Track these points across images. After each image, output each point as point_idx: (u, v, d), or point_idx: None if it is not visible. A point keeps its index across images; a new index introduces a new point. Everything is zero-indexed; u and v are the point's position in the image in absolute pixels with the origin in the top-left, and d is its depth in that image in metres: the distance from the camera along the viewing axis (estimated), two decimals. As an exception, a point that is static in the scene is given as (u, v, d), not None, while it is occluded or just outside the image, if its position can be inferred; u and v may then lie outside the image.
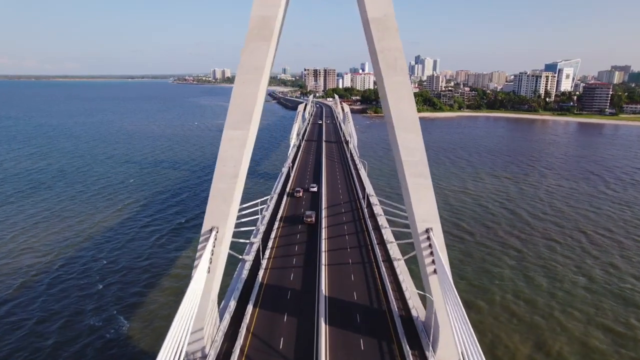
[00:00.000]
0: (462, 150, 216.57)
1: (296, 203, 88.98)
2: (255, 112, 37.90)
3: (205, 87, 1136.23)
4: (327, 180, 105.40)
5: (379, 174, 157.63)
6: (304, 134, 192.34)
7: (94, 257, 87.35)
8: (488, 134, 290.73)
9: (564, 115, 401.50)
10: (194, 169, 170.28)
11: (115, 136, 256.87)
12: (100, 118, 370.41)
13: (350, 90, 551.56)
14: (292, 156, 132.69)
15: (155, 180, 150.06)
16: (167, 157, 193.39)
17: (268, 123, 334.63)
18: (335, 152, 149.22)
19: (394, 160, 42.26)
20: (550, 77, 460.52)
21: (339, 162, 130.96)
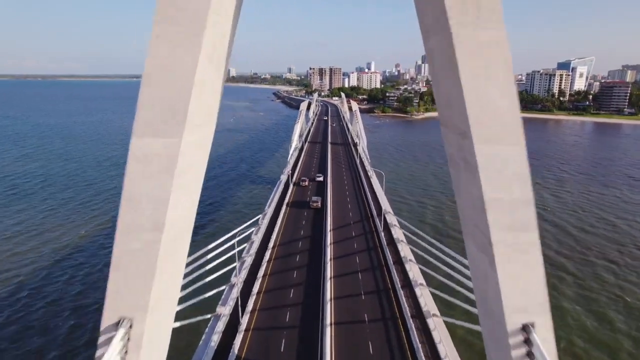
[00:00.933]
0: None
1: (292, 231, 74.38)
2: (201, 103, 14.87)
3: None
4: (332, 197, 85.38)
5: (395, 178, 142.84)
6: (308, 134, 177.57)
7: (67, 282, 73.11)
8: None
9: (581, 115, 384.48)
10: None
11: (112, 136, 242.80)
12: (100, 117, 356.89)
13: (357, 89, 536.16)
14: (292, 163, 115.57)
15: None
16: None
17: (271, 123, 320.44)
18: (342, 156, 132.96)
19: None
20: (565, 75, 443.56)
21: (346, 168, 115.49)
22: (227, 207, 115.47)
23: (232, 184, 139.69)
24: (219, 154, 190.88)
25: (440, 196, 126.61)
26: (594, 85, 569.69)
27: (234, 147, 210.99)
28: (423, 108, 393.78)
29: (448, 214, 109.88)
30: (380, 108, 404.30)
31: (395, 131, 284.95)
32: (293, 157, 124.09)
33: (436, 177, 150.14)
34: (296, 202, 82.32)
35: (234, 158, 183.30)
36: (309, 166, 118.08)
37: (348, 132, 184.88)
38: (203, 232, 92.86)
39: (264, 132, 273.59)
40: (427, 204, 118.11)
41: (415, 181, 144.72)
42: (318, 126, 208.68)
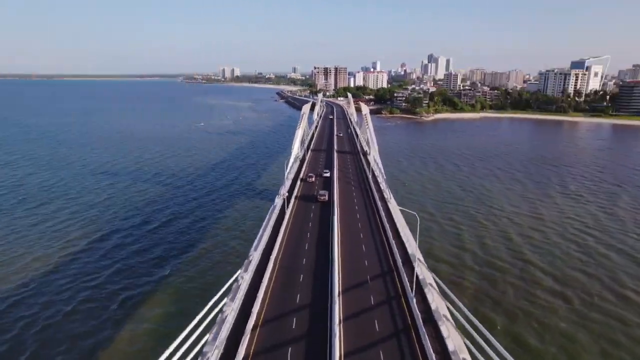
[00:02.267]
0: (504, 158, 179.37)
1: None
2: None
3: (213, 85, 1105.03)
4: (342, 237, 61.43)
5: (418, 190, 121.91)
6: (311, 140, 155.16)
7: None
8: (522, 138, 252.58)
9: (599, 117, 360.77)
10: (189, 182, 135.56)
11: (104, 140, 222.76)
12: (95, 118, 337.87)
13: (363, 89, 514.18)
14: (291, 180, 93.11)
15: (137, 203, 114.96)
16: (157, 168, 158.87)
17: (273, 125, 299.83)
18: (351, 169, 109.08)
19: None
20: (581, 75, 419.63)
21: (357, 186, 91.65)
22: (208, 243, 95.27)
23: (226, 201, 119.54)
24: (214, 160, 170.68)
25: (474, 212, 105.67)
26: (608, 85, 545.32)
27: (229, 154, 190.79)
28: (433, 109, 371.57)
29: (489, 238, 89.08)
30: (388, 109, 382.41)
31: (405, 134, 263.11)
32: (293, 169, 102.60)
33: (464, 189, 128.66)
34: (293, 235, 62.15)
35: (230, 166, 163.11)
36: (310, 184, 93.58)
37: (356, 137, 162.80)
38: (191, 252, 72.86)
39: (265, 135, 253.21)
40: (461, 223, 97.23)
41: (441, 193, 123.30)
42: (322, 131, 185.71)
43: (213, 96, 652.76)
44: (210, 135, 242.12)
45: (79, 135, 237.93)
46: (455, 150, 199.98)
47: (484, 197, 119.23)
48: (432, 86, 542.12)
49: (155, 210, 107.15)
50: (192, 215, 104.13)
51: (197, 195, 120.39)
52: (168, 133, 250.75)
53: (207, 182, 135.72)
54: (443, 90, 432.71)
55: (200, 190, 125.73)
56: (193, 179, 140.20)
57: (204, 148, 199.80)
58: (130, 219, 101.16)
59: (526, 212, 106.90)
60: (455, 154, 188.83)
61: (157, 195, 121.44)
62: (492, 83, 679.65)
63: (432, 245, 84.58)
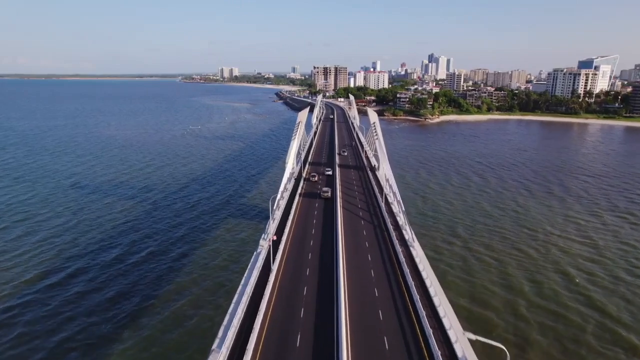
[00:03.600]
0: (528, 167, 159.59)
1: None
2: None
3: (212, 85, 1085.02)
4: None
5: (444, 210, 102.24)
6: (309, 151, 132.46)
7: None
8: (537, 143, 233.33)
9: (612, 119, 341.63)
10: (175, 200, 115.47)
11: (88, 147, 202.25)
12: (84, 120, 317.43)
13: (364, 89, 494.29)
14: (284, 207, 72.58)
15: (112, 230, 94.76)
16: (142, 181, 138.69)
17: (270, 128, 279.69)
18: (357, 194, 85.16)
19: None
20: (591, 74, 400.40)
21: (367, 220, 68.89)
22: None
23: (211, 218, 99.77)
24: (203, 172, 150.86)
25: (514, 237, 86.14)
26: (616, 85, 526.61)
27: (220, 164, 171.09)
28: (438, 110, 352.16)
29: (541, 274, 69.41)
30: (390, 110, 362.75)
31: (412, 138, 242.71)
32: (284, 197, 77.94)
33: (495, 205, 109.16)
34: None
35: (220, 178, 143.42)
36: (305, 219, 69.19)
37: (361, 147, 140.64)
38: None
39: (260, 140, 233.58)
40: (502, 253, 77.57)
41: (471, 212, 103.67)
42: (322, 140, 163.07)
43: (210, 96, 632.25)
44: (203, 141, 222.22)
45: (63, 140, 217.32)
46: (471, 157, 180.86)
47: (520, 217, 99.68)
48: (434, 86, 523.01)
49: (130, 239, 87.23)
50: (174, 248, 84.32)
51: (181, 220, 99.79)
52: (159, 137, 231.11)
53: (194, 199, 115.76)
54: (448, 91, 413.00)
55: (185, 211, 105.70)
56: (180, 195, 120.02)
57: (195, 156, 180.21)
58: (101, 252, 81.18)
59: (575, 237, 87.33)
60: (472, 162, 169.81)
61: (136, 216, 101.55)
62: (494, 83, 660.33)
63: (473, 287, 65.03)
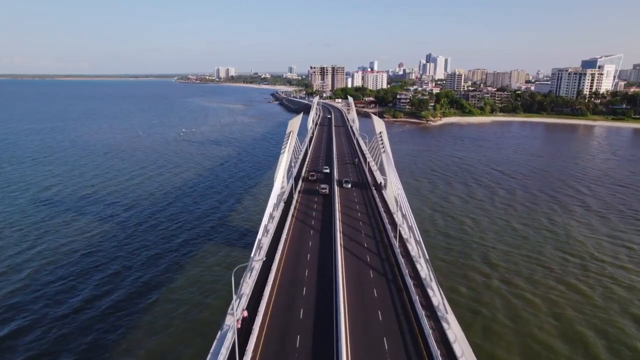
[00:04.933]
0: (554, 176, 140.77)
1: None
2: None
3: (207, 86, 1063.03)
4: None
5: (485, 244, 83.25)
6: (303, 161, 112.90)
7: None
8: (550, 147, 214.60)
9: (621, 120, 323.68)
10: (153, 222, 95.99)
11: (66, 155, 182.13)
12: (69, 124, 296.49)
13: (362, 90, 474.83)
14: (266, 247, 54.38)
15: (76, 260, 75.33)
16: (118, 195, 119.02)
17: (265, 131, 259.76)
18: (362, 223, 67.61)
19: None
20: (597, 74, 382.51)
21: (375, 263, 52.14)
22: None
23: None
24: (189, 184, 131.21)
25: (560, 270, 67.01)
26: (619, 85, 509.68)
27: (206, 175, 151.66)
28: (440, 112, 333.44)
29: (609, 322, 50.77)
30: (390, 112, 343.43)
31: (416, 142, 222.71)
32: (269, 231, 60.15)
33: (529, 225, 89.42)
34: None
35: (205, 192, 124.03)
36: (294, 269, 51.36)
37: (363, 159, 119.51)
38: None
39: (252, 146, 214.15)
40: (553, 291, 58.47)
41: (502, 233, 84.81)
42: (318, 148, 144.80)
43: (204, 97, 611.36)
44: (194, 147, 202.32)
45: (39, 147, 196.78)
46: (485, 164, 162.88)
47: (560, 240, 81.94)
48: (433, 87, 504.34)
49: (92, 284, 67.95)
50: (139, 297, 65.09)
51: (157, 252, 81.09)
52: (146, 143, 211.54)
53: (177, 222, 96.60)
54: (449, 92, 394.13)
55: (164, 237, 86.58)
56: (160, 217, 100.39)
57: (185, 165, 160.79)
58: (60, 294, 62.09)
59: (633, 267, 68.74)
60: (489, 170, 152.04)
61: (105, 240, 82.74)
62: (493, 83, 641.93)
63: (526, 343, 46.23)
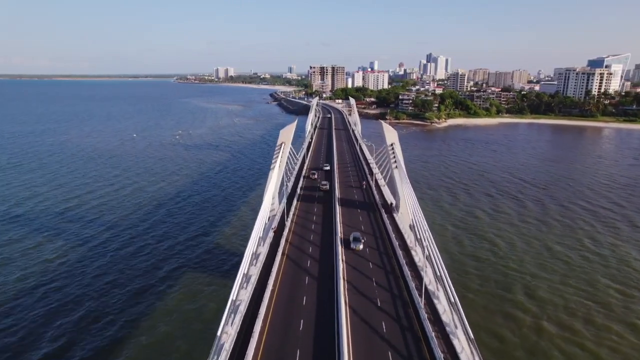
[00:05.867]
0: (590, 188, 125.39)
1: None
2: None
3: (206, 86, 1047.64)
4: None
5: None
6: (298, 179, 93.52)
7: None
8: (567, 152, 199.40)
9: (633, 122, 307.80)
10: (138, 243, 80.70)
11: (47, 161, 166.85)
12: (58, 126, 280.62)
13: (363, 90, 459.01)
14: (246, 304, 39.60)
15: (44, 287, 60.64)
16: (99, 209, 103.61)
17: (262, 134, 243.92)
18: (372, 264, 51.31)
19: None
20: (606, 74, 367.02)
21: (391, 329, 37.06)
22: None
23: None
24: (176, 198, 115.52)
25: (622, 309, 51.68)
26: (626, 85, 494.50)
27: (197, 185, 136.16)
28: (444, 113, 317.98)
29: None
30: (393, 113, 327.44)
31: (424, 147, 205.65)
32: (251, 279, 45.27)
33: (575, 249, 73.65)
34: None
35: (199, 205, 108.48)
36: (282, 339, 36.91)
37: (368, 172, 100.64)
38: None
39: (248, 151, 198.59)
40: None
41: (546, 263, 68.91)
42: (316, 157, 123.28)
43: (202, 97, 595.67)
44: (187, 152, 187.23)
45: (24, 152, 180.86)
46: (503, 170, 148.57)
47: (613, 268, 67.20)
48: (435, 87, 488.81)
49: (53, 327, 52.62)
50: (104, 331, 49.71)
51: (135, 287, 65.56)
52: (140, 146, 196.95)
53: (161, 239, 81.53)
54: (454, 92, 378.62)
55: (144, 261, 71.27)
56: (145, 236, 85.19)
57: (176, 172, 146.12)
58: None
59: None
60: (509, 178, 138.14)
61: (78, 270, 68.20)
62: (496, 83, 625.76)
63: None
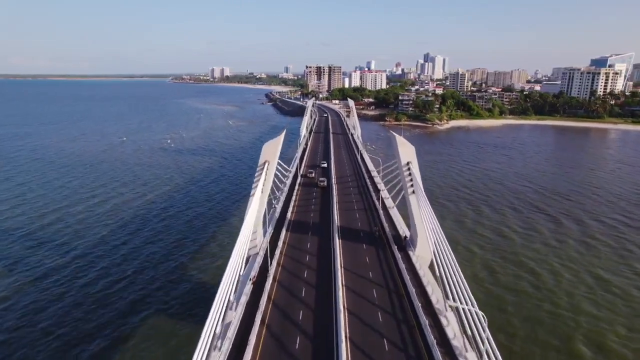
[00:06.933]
0: (608, 197, 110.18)
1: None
2: None
3: (201, 86, 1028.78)
4: None
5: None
6: (290, 193, 79.94)
7: None
8: (579, 156, 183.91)
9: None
10: (102, 271, 64.28)
11: (22, 167, 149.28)
12: (44, 129, 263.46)
13: (361, 90, 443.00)
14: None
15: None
16: (74, 231, 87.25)
17: (255, 137, 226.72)
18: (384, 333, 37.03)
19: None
20: (612, 74, 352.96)
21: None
22: None
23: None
24: (160, 213, 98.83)
25: None
26: (628, 85, 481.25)
27: (183, 198, 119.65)
28: (446, 115, 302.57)
29: None
30: (392, 115, 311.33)
31: (430, 151, 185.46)
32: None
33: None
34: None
35: (177, 223, 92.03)
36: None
37: (371, 187, 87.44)
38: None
39: (238, 157, 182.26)
40: None
41: (618, 311, 53.19)
42: (311, 179, 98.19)
43: (196, 98, 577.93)
44: (177, 157, 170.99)
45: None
46: (521, 179, 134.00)
47: None
48: (435, 87, 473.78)
49: None
50: None
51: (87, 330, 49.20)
52: (129, 151, 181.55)
53: (135, 271, 64.96)
54: (455, 92, 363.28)
55: (107, 296, 54.90)
56: (118, 268, 68.80)
57: (160, 183, 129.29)
58: None
59: None
60: (531, 189, 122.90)
61: (33, 310, 51.20)
62: (495, 83, 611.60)
63: None
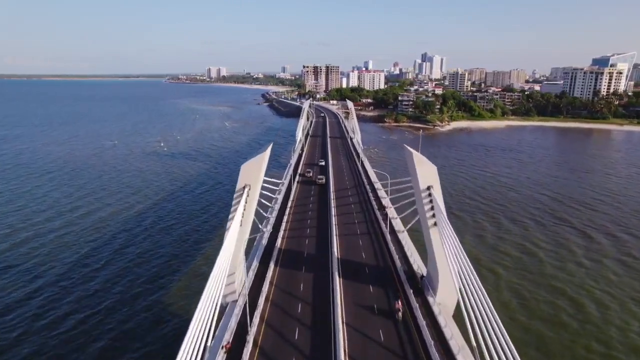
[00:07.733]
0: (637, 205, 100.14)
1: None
2: None
3: (198, 86, 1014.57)
4: None
5: None
6: (284, 205, 70.58)
7: None
8: (592, 161, 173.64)
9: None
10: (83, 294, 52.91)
11: (19, 173, 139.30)
12: (34, 131, 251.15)
13: (359, 90, 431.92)
14: None
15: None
16: (47, 250, 76.18)
17: (250, 139, 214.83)
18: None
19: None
20: (615, 74, 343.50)
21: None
22: None
23: None
24: (145, 229, 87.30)
25: None
26: (629, 85, 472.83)
27: (169, 210, 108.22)
28: (448, 116, 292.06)
29: None
30: (392, 116, 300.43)
31: (435, 154, 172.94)
32: None
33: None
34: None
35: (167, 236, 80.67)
36: None
37: (376, 206, 71.81)
38: None
39: (233, 159, 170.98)
40: None
41: None
42: (307, 193, 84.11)
43: (192, 98, 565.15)
44: (169, 162, 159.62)
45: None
46: (538, 186, 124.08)
47: None
48: (434, 87, 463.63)
49: None
50: None
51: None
52: (119, 155, 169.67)
53: (113, 300, 53.65)
54: (456, 93, 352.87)
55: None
56: (95, 298, 57.45)
57: (150, 193, 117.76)
58: None
59: None
60: (550, 197, 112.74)
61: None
62: (494, 83, 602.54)
63: None
